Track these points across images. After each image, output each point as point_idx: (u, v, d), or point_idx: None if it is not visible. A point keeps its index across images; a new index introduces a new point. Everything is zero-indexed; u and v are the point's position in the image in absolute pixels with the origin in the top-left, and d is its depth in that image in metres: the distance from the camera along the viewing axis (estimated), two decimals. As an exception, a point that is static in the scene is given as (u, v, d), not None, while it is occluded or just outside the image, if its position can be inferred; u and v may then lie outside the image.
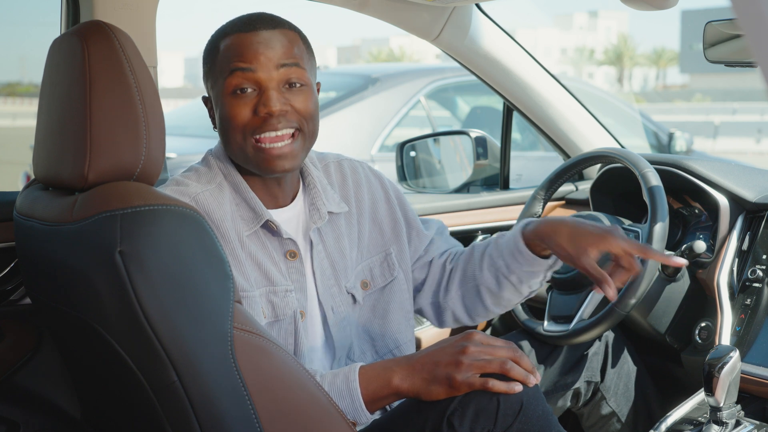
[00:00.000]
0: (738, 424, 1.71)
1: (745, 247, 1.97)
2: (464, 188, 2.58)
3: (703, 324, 1.97)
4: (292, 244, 1.58)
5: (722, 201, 2.01)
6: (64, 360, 1.53)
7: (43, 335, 1.62)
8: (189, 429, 1.15)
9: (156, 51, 1.90)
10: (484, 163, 2.55)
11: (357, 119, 4.71)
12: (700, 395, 1.82)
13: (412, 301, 1.75)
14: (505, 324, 2.44)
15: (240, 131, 1.51)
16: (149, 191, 1.16)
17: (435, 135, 2.77)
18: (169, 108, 6.18)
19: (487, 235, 2.50)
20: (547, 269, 1.68)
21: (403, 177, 2.63)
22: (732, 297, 1.92)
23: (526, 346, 2.00)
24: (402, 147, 2.64)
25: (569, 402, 2.00)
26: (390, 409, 1.53)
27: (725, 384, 1.64)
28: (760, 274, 1.91)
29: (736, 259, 1.96)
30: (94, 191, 1.17)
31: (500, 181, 2.57)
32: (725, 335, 1.88)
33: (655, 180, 1.91)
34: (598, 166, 2.26)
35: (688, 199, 2.16)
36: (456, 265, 1.76)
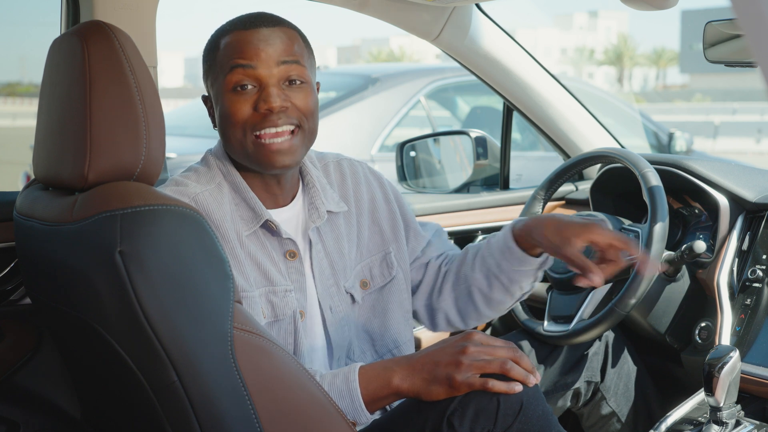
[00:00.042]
0: (738, 424, 1.71)
1: (745, 247, 1.97)
2: (464, 188, 2.58)
3: (703, 324, 1.97)
4: (291, 244, 1.58)
5: (722, 201, 2.01)
6: (64, 360, 1.53)
7: (43, 335, 1.62)
8: (189, 429, 1.15)
9: (156, 51, 1.90)
10: (484, 163, 2.55)
11: (357, 119, 4.71)
12: (700, 395, 1.82)
13: (411, 301, 1.75)
14: (505, 324, 2.44)
15: (240, 127, 1.51)
16: (149, 191, 1.16)
17: (435, 135, 2.77)
18: (169, 108, 6.18)
19: (487, 236, 2.50)
20: (537, 268, 1.67)
21: (403, 177, 2.63)
22: (732, 297, 1.92)
23: (526, 346, 2.00)
24: (402, 147, 2.64)
25: (569, 402, 2.00)
26: (390, 409, 1.53)
27: (725, 384, 1.64)
28: (760, 274, 1.91)
29: (736, 259, 1.96)
30: (94, 191, 1.17)
31: (500, 181, 2.57)
32: (725, 335, 1.88)
33: (655, 180, 1.91)
34: (598, 166, 2.26)
35: (688, 199, 2.16)
36: (450, 268, 1.76)
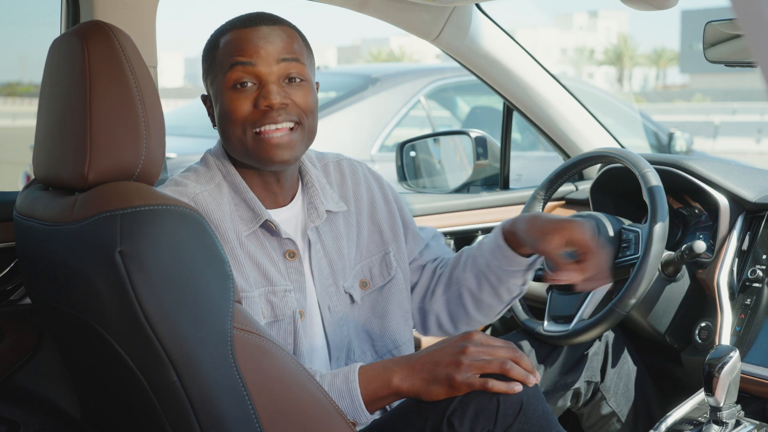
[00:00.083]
0: (738, 424, 1.71)
1: (745, 247, 1.97)
2: (464, 188, 2.58)
3: (703, 324, 1.97)
4: (291, 244, 1.58)
5: (722, 201, 2.01)
6: (64, 360, 1.53)
7: (43, 335, 1.62)
8: (189, 429, 1.15)
9: (156, 51, 1.90)
10: (484, 163, 2.54)
11: (357, 119, 4.71)
12: (700, 395, 1.82)
13: (422, 298, 1.76)
14: (505, 324, 2.44)
15: (240, 124, 1.51)
16: (149, 191, 1.16)
17: (435, 135, 2.76)
18: (169, 108, 6.18)
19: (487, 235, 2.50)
20: (525, 269, 1.67)
21: (403, 177, 2.62)
22: (732, 297, 1.92)
23: (526, 346, 2.00)
24: (402, 147, 2.64)
25: (569, 402, 2.00)
26: (390, 409, 1.53)
27: (725, 384, 1.64)
28: (760, 274, 1.91)
29: (736, 259, 1.96)
30: (94, 191, 1.17)
31: (500, 181, 2.57)
32: (725, 335, 1.88)
33: (655, 180, 1.91)
34: (598, 166, 2.26)
35: (688, 199, 2.16)
36: (444, 271, 1.77)
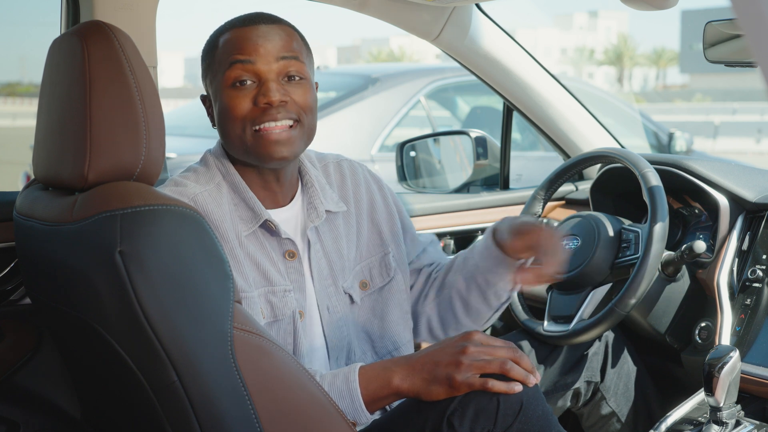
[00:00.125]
0: (738, 424, 1.71)
1: (745, 247, 1.97)
2: (464, 188, 2.58)
3: (703, 324, 1.97)
4: (290, 244, 1.58)
5: (722, 201, 2.01)
6: (64, 360, 1.53)
7: (43, 335, 1.62)
8: (189, 429, 1.15)
9: (156, 51, 1.91)
10: (484, 163, 2.54)
11: (357, 119, 4.71)
12: (700, 395, 1.82)
13: (415, 301, 1.76)
14: (505, 324, 2.44)
15: (240, 122, 1.51)
16: (149, 191, 1.16)
17: (435, 135, 2.76)
18: (169, 108, 6.17)
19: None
20: (513, 271, 1.67)
21: (403, 177, 2.62)
22: (732, 297, 1.92)
23: (526, 346, 2.00)
24: (402, 147, 2.64)
25: (569, 402, 2.00)
26: (390, 409, 1.53)
27: (725, 384, 1.64)
28: (760, 274, 1.91)
29: (736, 259, 1.96)
30: (94, 191, 1.17)
31: (500, 181, 2.57)
32: (725, 335, 1.88)
33: (655, 180, 1.91)
34: (598, 166, 2.26)
35: (688, 199, 2.16)
36: (438, 275, 1.77)
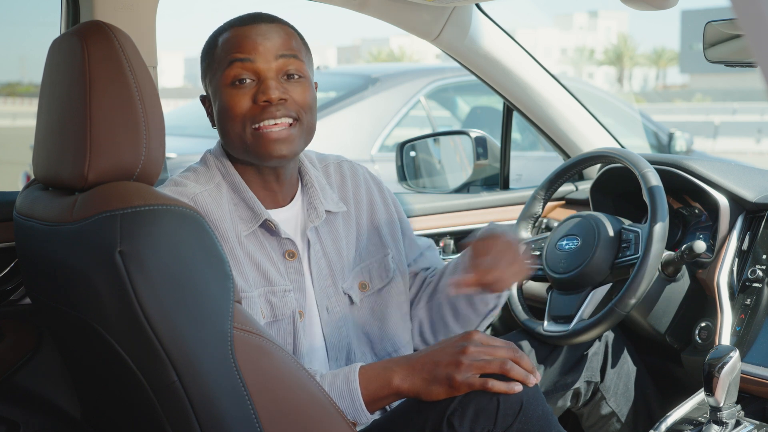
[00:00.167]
0: (738, 424, 1.71)
1: (745, 247, 1.97)
2: (464, 188, 2.58)
3: (703, 324, 1.97)
4: (290, 244, 1.58)
5: (722, 201, 2.01)
6: (64, 360, 1.53)
7: (43, 335, 1.62)
8: (189, 429, 1.15)
9: (156, 51, 1.91)
10: (484, 163, 2.54)
11: (357, 119, 4.71)
12: (700, 395, 1.82)
13: (410, 305, 1.75)
14: (505, 324, 2.44)
15: (240, 121, 1.51)
16: (149, 191, 1.16)
17: (435, 135, 2.76)
18: (169, 108, 6.17)
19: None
20: None
21: (403, 177, 2.62)
22: (732, 297, 1.92)
23: (526, 346, 2.00)
24: (402, 147, 2.64)
25: (569, 402, 2.00)
26: (390, 409, 1.53)
27: (725, 384, 1.64)
28: (760, 274, 1.91)
29: (736, 259, 1.96)
30: (94, 191, 1.17)
31: (500, 181, 2.57)
32: (725, 335, 1.88)
33: (655, 180, 1.91)
34: (598, 166, 2.26)
35: (688, 199, 2.16)
36: (433, 280, 1.77)
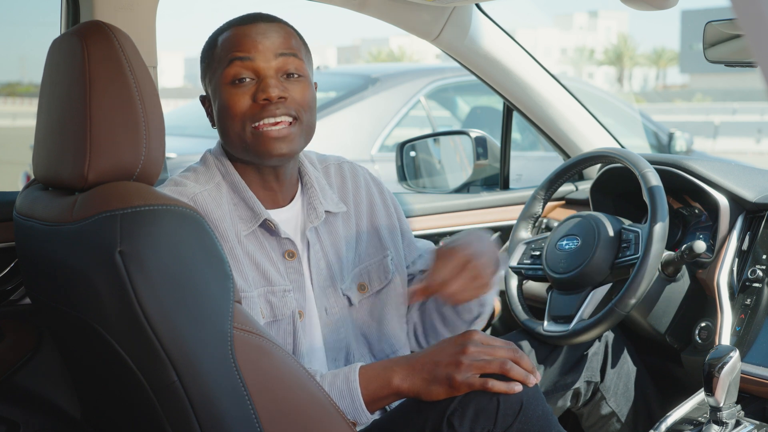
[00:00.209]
0: (738, 424, 1.71)
1: (745, 247, 1.97)
2: (464, 188, 2.58)
3: (703, 324, 1.97)
4: (290, 244, 1.58)
5: (722, 201, 2.01)
6: (64, 360, 1.53)
7: (43, 335, 1.62)
8: (189, 429, 1.15)
9: (156, 51, 1.91)
10: (484, 163, 2.54)
11: (357, 119, 4.71)
12: (700, 395, 1.82)
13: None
14: (505, 324, 2.44)
15: (239, 120, 1.51)
16: (149, 191, 1.16)
17: (435, 135, 2.76)
18: (169, 108, 6.17)
19: (487, 235, 2.50)
20: None
21: (403, 177, 2.62)
22: (732, 297, 1.92)
23: (526, 346, 2.00)
24: (402, 147, 2.64)
25: (569, 402, 2.00)
26: (390, 409, 1.53)
27: (725, 384, 1.64)
28: (760, 274, 1.91)
29: (736, 259, 1.96)
30: (94, 191, 1.17)
31: (500, 181, 2.57)
32: (725, 335, 1.88)
33: (655, 180, 1.91)
34: (598, 166, 2.26)
35: (688, 199, 2.16)
36: None
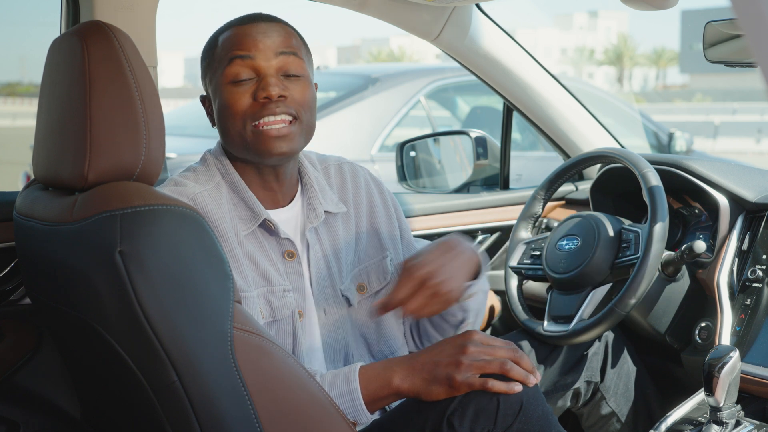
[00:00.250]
0: (738, 424, 1.71)
1: (745, 247, 1.97)
2: (464, 188, 2.58)
3: (703, 324, 1.97)
4: (289, 244, 1.58)
5: (722, 201, 2.01)
6: (64, 360, 1.53)
7: (43, 335, 1.62)
8: (189, 429, 1.15)
9: (156, 51, 1.91)
10: (484, 163, 2.55)
11: (357, 119, 4.71)
12: (700, 395, 1.82)
13: None
14: (505, 324, 2.44)
15: (240, 118, 1.51)
16: (149, 191, 1.16)
17: (435, 135, 2.77)
18: (169, 108, 6.17)
19: (487, 235, 2.50)
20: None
21: (403, 177, 2.63)
22: (732, 297, 1.92)
23: (526, 346, 2.00)
24: (402, 147, 2.64)
25: (569, 402, 2.00)
26: (390, 409, 1.53)
27: (725, 384, 1.64)
28: (760, 274, 1.91)
29: (736, 259, 1.96)
30: (94, 191, 1.17)
31: (500, 181, 2.57)
32: (725, 335, 1.88)
33: (655, 180, 1.91)
34: (598, 166, 2.26)
35: (688, 199, 2.16)
36: None
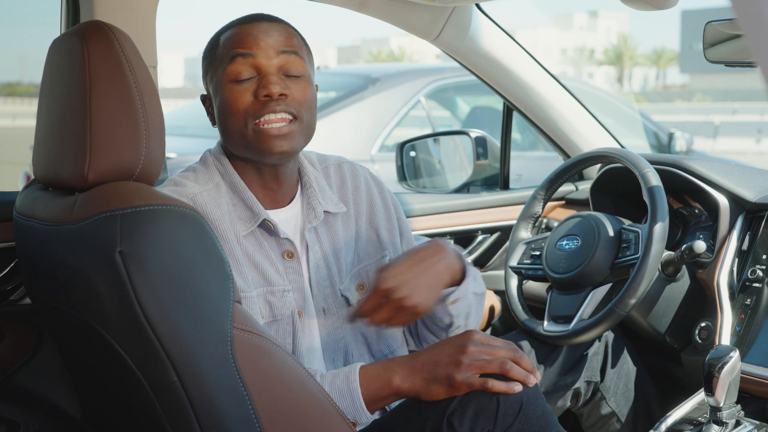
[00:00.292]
0: (738, 424, 1.71)
1: (745, 247, 1.97)
2: (464, 188, 2.58)
3: (703, 324, 1.97)
4: (289, 244, 1.58)
5: (722, 201, 2.01)
6: (64, 360, 1.53)
7: (43, 335, 1.62)
8: (189, 429, 1.15)
9: (156, 51, 1.91)
10: (484, 163, 2.55)
11: (357, 119, 4.71)
12: (700, 395, 1.82)
13: None
14: (505, 324, 2.44)
15: (241, 117, 1.52)
16: (149, 191, 1.16)
17: (435, 135, 2.77)
18: (169, 108, 6.17)
19: (487, 236, 2.50)
20: (444, 298, 1.59)
21: (403, 177, 2.63)
22: (732, 297, 1.92)
23: (526, 346, 2.00)
24: (402, 147, 2.64)
25: (569, 402, 2.00)
26: (390, 409, 1.53)
27: (725, 384, 1.64)
28: (760, 274, 1.91)
29: (736, 259, 1.96)
30: (94, 191, 1.17)
31: (500, 181, 2.57)
32: (725, 335, 1.88)
33: (655, 180, 1.91)
34: (598, 166, 2.26)
35: (688, 199, 2.16)
36: None
